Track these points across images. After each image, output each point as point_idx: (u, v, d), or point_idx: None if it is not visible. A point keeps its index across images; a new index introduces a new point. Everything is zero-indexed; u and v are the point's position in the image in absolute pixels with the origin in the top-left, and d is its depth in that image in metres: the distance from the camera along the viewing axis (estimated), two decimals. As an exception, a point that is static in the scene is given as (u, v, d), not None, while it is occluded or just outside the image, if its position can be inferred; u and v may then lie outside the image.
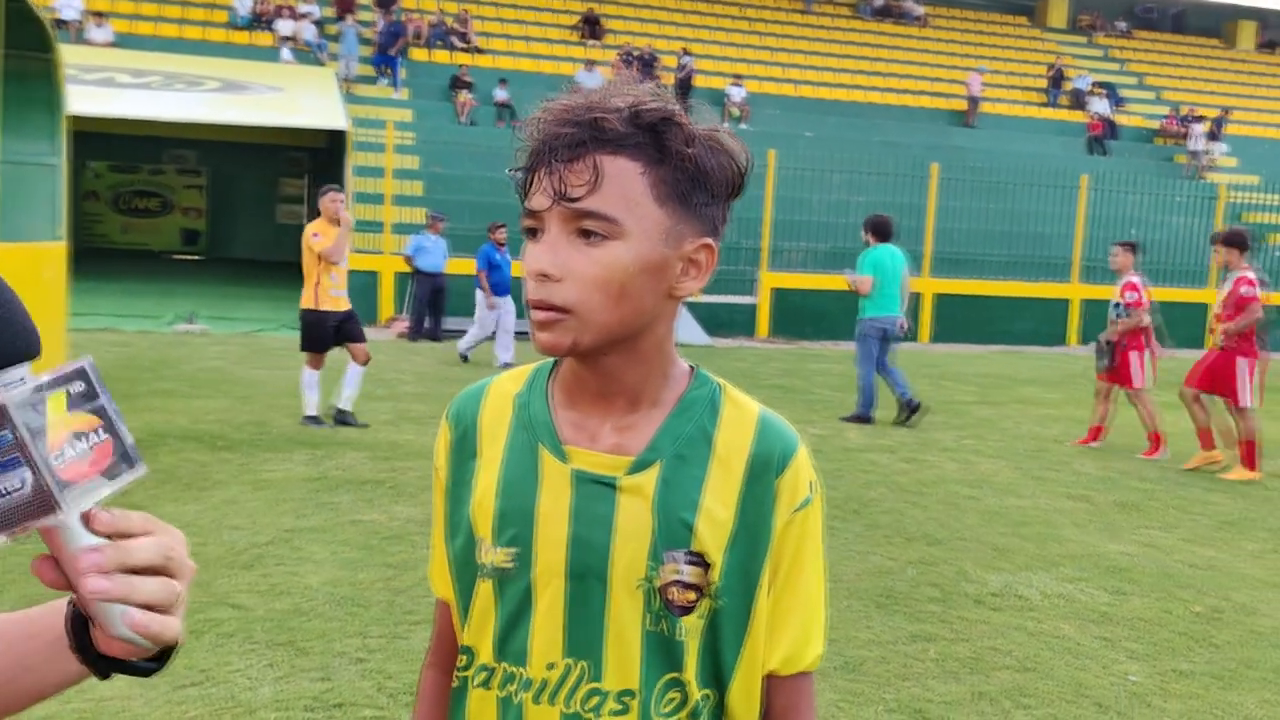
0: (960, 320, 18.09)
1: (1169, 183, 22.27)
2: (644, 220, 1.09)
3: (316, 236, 8.01)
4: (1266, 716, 3.88)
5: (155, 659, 0.82)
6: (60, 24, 20.44)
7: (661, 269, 1.11)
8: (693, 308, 16.55)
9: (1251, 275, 7.91)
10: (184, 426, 7.77)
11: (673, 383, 1.19)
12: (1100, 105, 27.19)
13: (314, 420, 8.10)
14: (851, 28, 29.69)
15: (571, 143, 1.07)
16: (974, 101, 26.33)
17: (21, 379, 0.75)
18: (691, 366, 1.22)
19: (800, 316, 17.39)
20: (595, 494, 1.14)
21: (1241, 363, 7.85)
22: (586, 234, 1.08)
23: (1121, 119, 27.67)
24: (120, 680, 0.83)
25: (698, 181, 1.11)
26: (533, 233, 1.11)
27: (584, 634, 1.14)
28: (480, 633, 1.19)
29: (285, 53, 21.85)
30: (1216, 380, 8.01)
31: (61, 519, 0.74)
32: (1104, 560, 5.65)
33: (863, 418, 9.49)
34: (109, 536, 0.76)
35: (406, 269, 14.82)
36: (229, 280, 21.75)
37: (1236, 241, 8.10)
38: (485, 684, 1.18)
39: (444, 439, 1.25)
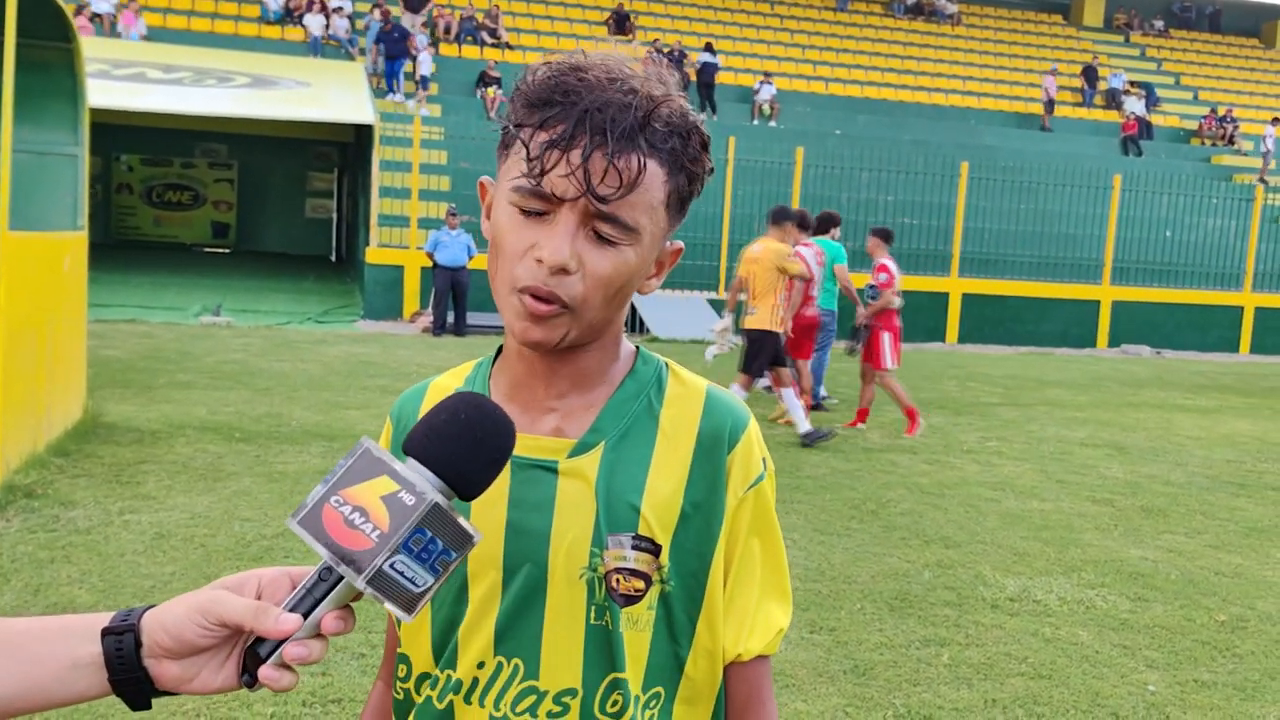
0: (988, 321, 17.89)
1: (1204, 184, 21.92)
2: (655, 227, 1.05)
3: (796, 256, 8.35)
4: (1289, 730, 3.77)
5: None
6: (94, 18, 20.62)
7: (646, 270, 1.08)
8: (717, 307, 16.46)
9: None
10: (202, 417, 7.78)
11: (618, 364, 1.14)
12: (1136, 105, 26.81)
13: (818, 435, 8.22)
14: (883, 25, 29.45)
15: (622, 134, 0.98)
16: (1050, 104, 26.04)
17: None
18: (636, 346, 1.17)
19: (825, 316, 17.23)
20: (534, 479, 1.08)
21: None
22: (602, 236, 1.02)
23: (1157, 119, 27.29)
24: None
25: (694, 191, 1.08)
26: (538, 212, 1.02)
27: (519, 629, 1.08)
28: (414, 637, 1.13)
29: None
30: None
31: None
32: (1126, 566, 5.53)
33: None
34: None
35: (430, 264, 14.87)
36: (256, 273, 21.87)
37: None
38: (428, 691, 1.12)
39: (385, 436, 1.21)
